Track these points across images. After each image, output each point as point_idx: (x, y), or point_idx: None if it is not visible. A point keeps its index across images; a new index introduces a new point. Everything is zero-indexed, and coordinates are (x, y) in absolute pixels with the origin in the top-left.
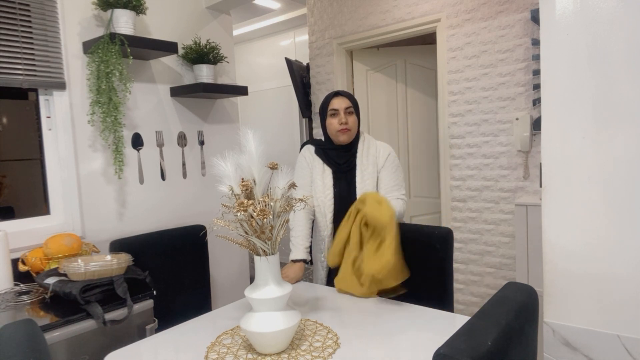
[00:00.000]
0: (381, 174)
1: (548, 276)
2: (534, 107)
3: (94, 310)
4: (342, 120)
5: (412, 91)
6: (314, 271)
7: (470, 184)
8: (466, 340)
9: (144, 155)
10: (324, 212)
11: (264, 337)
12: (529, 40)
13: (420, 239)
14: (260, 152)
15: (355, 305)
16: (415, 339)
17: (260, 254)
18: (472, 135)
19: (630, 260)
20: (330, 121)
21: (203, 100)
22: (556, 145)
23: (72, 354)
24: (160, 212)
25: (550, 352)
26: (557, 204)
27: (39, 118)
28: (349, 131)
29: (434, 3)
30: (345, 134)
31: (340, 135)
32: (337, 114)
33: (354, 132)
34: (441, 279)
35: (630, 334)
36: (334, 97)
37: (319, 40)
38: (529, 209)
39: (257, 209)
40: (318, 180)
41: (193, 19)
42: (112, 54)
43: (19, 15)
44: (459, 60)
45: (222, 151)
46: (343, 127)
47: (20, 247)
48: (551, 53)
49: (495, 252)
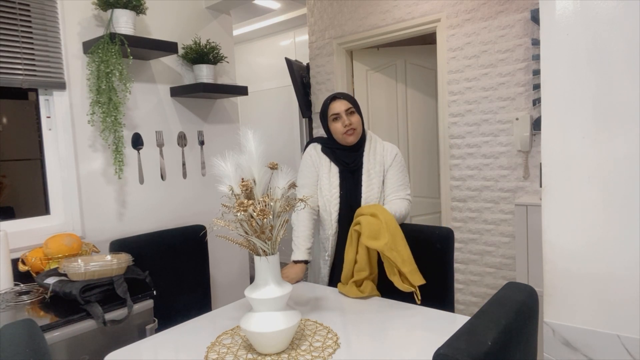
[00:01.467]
0: (388, 174)
1: (548, 276)
2: (534, 107)
3: (94, 310)
4: (345, 123)
5: (412, 91)
6: (316, 269)
7: (470, 184)
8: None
9: (144, 155)
10: (329, 210)
11: (264, 337)
12: (529, 40)
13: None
14: (260, 152)
15: (356, 305)
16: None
17: (260, 254)
18: (472, 135)
19: (630, 260)
20: (334, 126)
21: (203, 100)
22: (556, 145)
23: (72, 354)
24: (160, 212)
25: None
26: (557, 204)
27: (39, 118)
28: (354, 131)
29: (434, 3)
30: (352, 135)
31: (347, 137)
32: (339, 117)
33: (360, 131)
34: (442, 279)
35: (630, 334)
36: (332, 101)
37: (319, 40)
38: (529, 209)
39: (257, 209)
40: (324, 178)
41: (193, 19)
42: (112, 54)
43: (19, 15)
44: (459, 60)
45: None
46: (348, 128)
47: (20, 247)
48: (551, 53)
49: (495, 252)
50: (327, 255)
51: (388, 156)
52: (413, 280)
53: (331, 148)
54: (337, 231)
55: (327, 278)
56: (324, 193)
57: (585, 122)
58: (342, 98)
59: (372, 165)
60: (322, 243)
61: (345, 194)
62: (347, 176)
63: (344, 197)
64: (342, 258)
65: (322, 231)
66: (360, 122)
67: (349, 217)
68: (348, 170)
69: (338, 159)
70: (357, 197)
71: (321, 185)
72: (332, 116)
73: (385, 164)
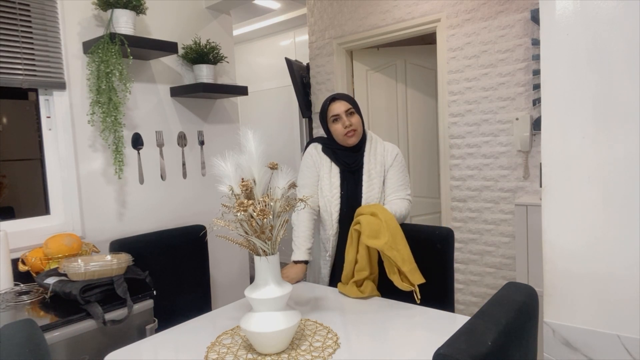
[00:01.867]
0: (388, 174)
1: (548, 276)
2: (534, 107)
3: (94, 310)
4: (346, 124)
5: (412, 91)
6: (317, 269)
7: (470, 184)
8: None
9: (144, 155)
10: (330, 211)
11: (264, 337)
12: (529, 40)
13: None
14: (260, 152)
15: (356, 305)
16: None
17: (260, 254)
18: (472, 135)
19: (630, 260)
20: (334, 127)
21: (203, 100)
22: (556, 145)
23: (72, 354)
24: (160, 212)
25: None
26: (557, 204)
27: (39, 118)
28: (355, 132)
29: (434, 3)
30: (353, 136)
31: (348, 139)
32: (339, 118)
33: (360, 132)
34: (442, 279)
35: (630, 334)
36: (331, 102)
37: (319, 40)
38: (529, 209)
39: (257, 209)
40: (325, 179)
41: (193, 19)
42: (112, 54)
43: (19, 15)
44: (459, 60)
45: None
46: (349, 130)
47: (20, 247)
48: (551, 53)
49: (495, 252)
50: (327, 256)
51: (388, 156)
52: (413, 279)
53: (332, 148)
54: (337, 231)
55: (327, 278)
56: (325, 193)
57: (585, 122)
58: (342, 99)
59: (373, 165)
60: (323, 243)
61: (346, 195)
62: (347, 176)
63: (345, 198)
64: (343, 258)
65: (323, 231)
66: (360, 122)
67: (350, 217)
68: (348, 171)
69: (339, 159)
70: (358, 197)
71: (322, 186)
72: (331, 117)
73: (385, 164)
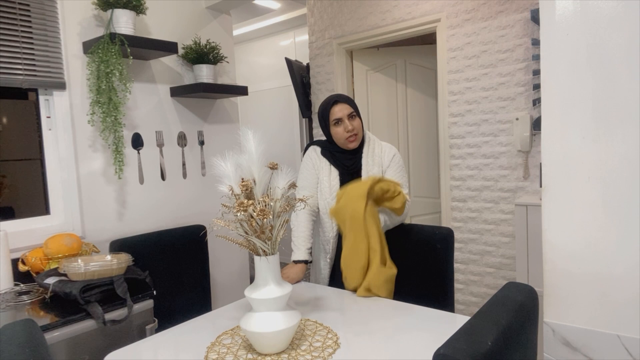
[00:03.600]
0: (386, 174)
1: (548, 276)
2: (534, 107)
3: (94, 310)
4: (348, 128)
5: (412, 91)
6: (316, 272)
7: (470, 184)
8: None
9: (144, 155)
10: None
11: (264, 337)
12: (529, 40)
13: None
14: (260, 152)
15: (356, 305)
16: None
17: (260, 254)
18: (472, 135)
19: (630, 260)
20: (335, 130)
21: (203, 100)
22: (556, 145)
23: (72, 354)
24: (160, 212)
25: (550, 352)
26: (557, 204)
27: (39, 118)
28: (357, 136)
29: (434, 3)
30: (354, 140)
31: (349, 143)
32: (341, 122)
33: (361, 135)
34: (442, 279)
35: (630, 334)
36: (333, 105)
37: (319, 40)
38: (529, 209)
39: (257, 209)
40: (324, 181)
41: (193, 19)
42: (112, 54)
43: (19, 15)
44: (459, 60)
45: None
46: (351, 134)
47: (20, 247)
48: (551, 53)
49: (495, 252)
50: (328, 258)
51: (385, 157)
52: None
53: (330, 151)
54: (337, 234)
55: (327, 279)
56: (325, 196)
57: (585, 122)
58: (344, 102)
59: (371, 167)
60: (323, 245)
61: None
62: (347, 179)
63: None
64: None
65: (323, 233)
66: (361, 126)
67: None
68: (348, 173)
69: (337, 162)
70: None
71: (322, 188)
72: (333, 121)
73: (383, 165)
